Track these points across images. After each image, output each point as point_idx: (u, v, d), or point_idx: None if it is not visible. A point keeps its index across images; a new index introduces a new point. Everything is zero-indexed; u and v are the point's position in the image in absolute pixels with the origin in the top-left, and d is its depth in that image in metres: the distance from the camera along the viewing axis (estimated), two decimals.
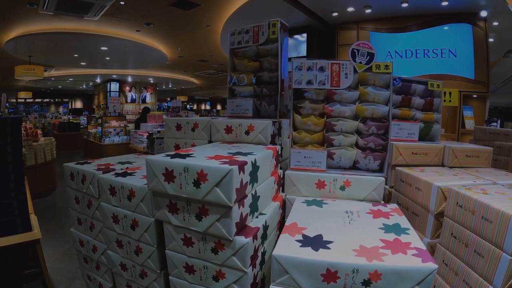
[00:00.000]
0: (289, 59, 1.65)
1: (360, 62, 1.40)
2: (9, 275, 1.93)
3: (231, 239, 0.95)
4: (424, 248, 0.90)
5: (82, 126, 12.74)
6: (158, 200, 1.08)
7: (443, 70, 4.96)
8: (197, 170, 0.94)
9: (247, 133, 1.45)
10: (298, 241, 0.91)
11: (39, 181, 4.94)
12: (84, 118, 15.13)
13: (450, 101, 4.35)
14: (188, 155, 1.07)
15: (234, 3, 5.18)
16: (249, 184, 1.04)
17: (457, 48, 4.94)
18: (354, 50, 1.40)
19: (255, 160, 1.08)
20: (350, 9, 5.00)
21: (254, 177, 1.07)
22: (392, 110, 1.53)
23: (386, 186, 1.75)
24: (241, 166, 0.96)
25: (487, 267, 1.04)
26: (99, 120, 9.18)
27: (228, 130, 1.49)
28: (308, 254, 0.84)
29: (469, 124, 5.00)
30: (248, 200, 1.04)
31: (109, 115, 9.57)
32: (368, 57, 1.39)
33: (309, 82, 1.42)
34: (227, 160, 0.99)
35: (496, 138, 2.52)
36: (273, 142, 1.45)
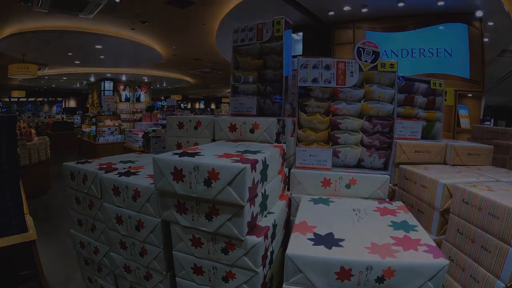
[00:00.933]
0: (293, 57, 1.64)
1: (366, 61, 1.40)
2: (5, 277, 1.88)
3: (243, 239, 0.94)
4: (434, 244, 0.90)
5: (76, 126, 12.56)
6: (165, 200, 1.06)
7: (438, 70, 5.00)
8: (208, 169, 0.93)
9: (251, 131, 1.44)
10: (310, 239, 0.91)
11: (33, 181, 4.86)
12: (78, 117, 14.91)
13: (445, 100, 4.38)
14: (197, 154, 1.05)
15: (230, 1, 5.15)
16: (260, 183, 1.03)
17: (453, 47, 4.99)
18: (360, 48, 1.39)
19: (265, 158, 1.06)
20: (347, 8, 5.01)
21: (264, 176, 1.06)
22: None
23: (390, 184, 1.75)
24: (253, 164, 0.95)
25: (494, 262, 1.05)
26: (93, 119, 9.06)
27: (232, 128, 1.48)
28: (322, 252, 0.84)
29: (464, 123, 5.05)
30: (258, 199, 1.03)
31: (103, 114, 9.45)
32: (374, 55, 1.39)
33: (314, 80, 1.42)
34: (238, 159, 0.97)
35: (494, 136, 2.55)
36: (277, 140, 1.44)
